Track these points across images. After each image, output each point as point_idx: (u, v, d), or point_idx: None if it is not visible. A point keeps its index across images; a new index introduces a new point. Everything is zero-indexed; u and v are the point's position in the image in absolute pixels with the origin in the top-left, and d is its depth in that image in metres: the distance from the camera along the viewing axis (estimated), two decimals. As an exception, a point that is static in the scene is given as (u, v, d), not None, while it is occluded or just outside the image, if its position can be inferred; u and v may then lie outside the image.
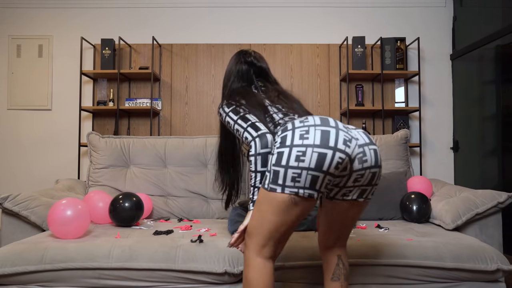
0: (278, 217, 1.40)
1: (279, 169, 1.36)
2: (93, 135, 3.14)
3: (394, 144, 3.19)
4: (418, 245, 2.07)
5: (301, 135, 1.36)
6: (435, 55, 4.17)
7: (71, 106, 4.11)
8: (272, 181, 1.38)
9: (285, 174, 1.35)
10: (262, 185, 1.43)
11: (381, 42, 3.94)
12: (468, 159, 3.91)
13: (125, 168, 3.11)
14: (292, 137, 1.38)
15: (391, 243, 2.09)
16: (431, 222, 2.66)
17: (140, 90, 4.16)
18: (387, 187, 2.88)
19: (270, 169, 1.40)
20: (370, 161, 1.43)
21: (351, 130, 1.44)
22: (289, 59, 4.17)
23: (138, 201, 2.50)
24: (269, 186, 1.39)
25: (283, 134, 1.41)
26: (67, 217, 2.08)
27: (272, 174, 1.38)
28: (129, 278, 1.93)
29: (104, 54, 3.96)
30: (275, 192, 1.38)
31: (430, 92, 4.16)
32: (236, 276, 1.95)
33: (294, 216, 1.41)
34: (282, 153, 1.37)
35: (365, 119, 4.06)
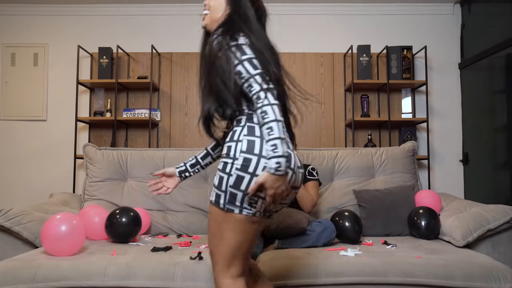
0: (239, 236, 1.47)
1: (237, 192, 1.43)
2: (89, 147, 3.14)
3: (401, 157, 3.18)
4: (427, 263, 2.05)
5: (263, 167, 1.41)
6: (443, 64, 4.18)
7: (67, 117, 4.12)
8: (228, 201, 1.44)
9: (243, 198, 1.43)
10: (217, 204, 1.46)
11: (387, 51, 3.95)
12: (478, 172, 3.89)
13: (122, 181, 3.10)
14: (256, 165, 1.42)
15: (398, 260, 2.07)
16: (440, 238, 2.64)
17: (139, 100, 4.17)
18: (394, 201, 2.86)
19: (226, 190, 1.44)
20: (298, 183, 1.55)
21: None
22: (292, 68, 4.18)
23: (136, 216, 2.49)
24: (226, 207, 1.45)
25: (247, 156, 1.43)
26: (61, 233, 2.08)
27: (229, 195, 1.44)
28: (125, 297, 1.92)
29: (101, 63, 3.97)
30: (232, 212, 1.44)
31: (438, 102, 4.15)
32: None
33: (253, 233, 1.51)
34: (243, 178, 1.42)
35: (371, 131, 4.06)
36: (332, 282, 1.96)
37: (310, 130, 4.12)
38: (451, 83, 4.16)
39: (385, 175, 3.12)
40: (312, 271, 1.98)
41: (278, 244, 2.39)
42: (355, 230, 2.50)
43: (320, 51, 4.19)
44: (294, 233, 2.39)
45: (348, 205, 2.99)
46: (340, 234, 2.50)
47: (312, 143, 4.09)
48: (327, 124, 4.14)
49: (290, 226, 2.38)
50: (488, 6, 3.82)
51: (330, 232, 2.42)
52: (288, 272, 1.98)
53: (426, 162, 3.93)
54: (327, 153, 3.20)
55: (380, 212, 2.83)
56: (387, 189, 2.97)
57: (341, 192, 3.05)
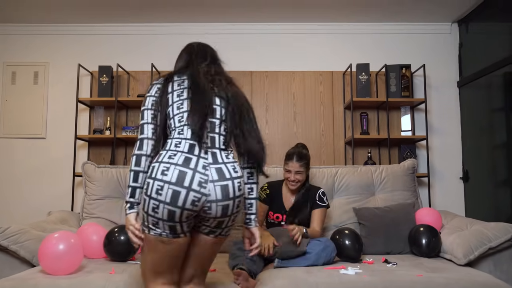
0: (155, 254, 1.63)
1: (144, 214, 1.60)
2: (88, 165, 3.16)
3: (401, 174, 3.19)
4: (429, 281, 2.04)
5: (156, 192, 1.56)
6: (442, 82, 4.22)
7: (66, 135, 4.14)
8: (142, 222, 1.62)
9: (147, 219, 1.59)
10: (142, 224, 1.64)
11: (386, 69, 3.99)
12: (479, 189, 3.89)
13: (121, 199, 3.11)
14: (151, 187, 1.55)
15: (399, 279, 2.06)
16: (441, 256, 2.63)
17: (138, 118, 4.18)
18: (394, 219, 2.86)
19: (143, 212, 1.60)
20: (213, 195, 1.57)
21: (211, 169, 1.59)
22: (291, 87, 4.22)
23: None
24: (142, 227, 1.64)
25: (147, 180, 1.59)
26: (59, 252, 2.07)
27: (143, 217, 1.62)
28: (123, 317, 1.90)
29: (101, 81, 4.01)
30: (145, 232, 1.62)
31: (438, 120, 4.18)
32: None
33: (167, 251, 1.62)
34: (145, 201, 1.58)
35: (371, 148, 4.08)
36: (332, 301, 1.95)
37: (309, 148, 4.09)
38: (450, 101, 4.19)
39: (385, 193, 3.13)
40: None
41: (277, 263, 2.38)
42: (356, 249, 2.50)
43: (319, 70, 4.24)
44: (293, 255, 2.38)
45: (348, 223, 2.99)
46: (341, 253, 2.49)
47: (312, 161, 4.05)
48: (326, 142, 4.16)
49: (290, 249, 2.38)
50: (486, 25, 3.88)
51: (330, 251, 2.42)
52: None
53: (426, 180, 3.94)
54: (326, 171, 3.21)
55: (381, 230, 2.83)
56: (387, 207, 2.97)
57: (341, 210, 3.06)
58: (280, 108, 4.20)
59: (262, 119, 4.19)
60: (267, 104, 4.21)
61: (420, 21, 4.20)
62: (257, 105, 4.20)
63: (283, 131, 4.17)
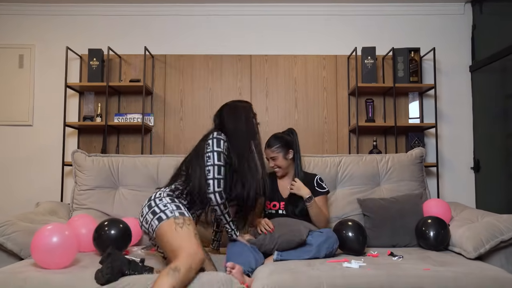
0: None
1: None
2: (78, 154, 3.16)
3: (408, 164, 3.20)
4: (436, 275, 2.06)
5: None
6: (453, 66, 4.21)
7: (55, 122, 4.14)
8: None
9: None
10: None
11: (393, 53, 3.98)
12: (490, 180, 3.91)
13: (113, 189, 3.12)
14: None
15: (406, 273, 2.08)
16: (450, 250, 2.66)
17: (131, 104, 4.20)
18: (400, 210, 2.88)
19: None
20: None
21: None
22: (293, 72, 4.21)
23: (126, 229, 2.50)
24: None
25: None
26: (53, 244, 2.08)
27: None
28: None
29: (91, 66, 4.00)
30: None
31: (448, 106, 4.18)
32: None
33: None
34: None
35: (376, 137, 4.08)
36: (335, 295, 1.97)
37: (312, 136, 4.15)
38: (461, 87, 4.19)
39: (391, 183, 3.14)
40: (314, 284, 1.99)
41: (277, 256, 2.40)
42: (359, 241, 2.52)
43: (322, 54, 4.23)
44: (293, 245, 2.40)
45: (352, 215, 3.01)
46: (343, 245, 2.51)
47: (314, 150, 4.11)
48: (329, 130, 4.17)
49: (288, 239, 2.39)
50: (501, 6, 3.86)
51: (332, 242, 2.43)
52: (289, 286, 1.99)
53: (435, 170, 3.95)
54: (329, 160, 3.22)
55: (386, 222, 2.84)
56: (393, 198, 2.99)
57: (344, 201, 3.07)
58: (280, 94, 4.20)
59: (261, 105, 4.19)
60: (267, 90, 4.21)
61: (431, 2, 4.18)
62: (256, 90, 4.20)
63: (284, 118, 4.18)
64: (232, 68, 4.22)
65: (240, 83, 4.22)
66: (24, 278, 1.96)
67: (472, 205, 4.03)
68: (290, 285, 1.99)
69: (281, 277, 2.04)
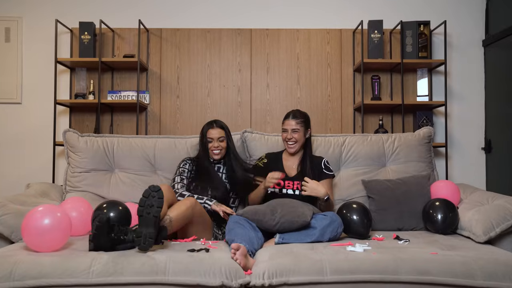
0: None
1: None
2: (70, 133, 3.15)
3: (415, 144, 3.20)
4: (444, 259, 2.07)
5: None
6: (465, 41, 4.17)
7: (45, 100, 4.12)
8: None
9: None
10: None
11: (401, 27, 3.94)
12: (502, 161, 3.91)
13: (109, 172, 3.13)
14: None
15: (412, 257, 2.09)
16: (458, 233, 2.66)
17: (125, 81, 4.17)
18: (407, 192, 2.88)
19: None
20: None
21: None
22: (295, 47, 4.18)
23: (125, 212, 2.49)
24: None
25: None
26: (45, 227, 2.09)
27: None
28: (112, 295, 1.94)
29: (82, 40, 3.96)
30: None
31: (458, 84, 4.15)
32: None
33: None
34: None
35: (382, 115, 4.07)
36: (339, 279, 1.98)
37: (315, 115, 4.13)
38: (474, 62, 4.16)
39: (398, 164, 3.14)
40: (317, 268, 2.00)
41: (279, 239, 2.40)
42: (364, 224, 2.52)
43: (326, 27, 4.18)
44: (296, 226, 2.40)
45: (356, 197, 3.02)
46: (348, 228, 2.52)
47: (317, 129, 4.10)
48: (333, 108, 4.15)
49: (291, 219, 2.39)
50: (517, -25, 3.81)
51: (336, 226, 2.44)
52: (290, 269, 2.00)
53: (444, 150, 3.95)
54: (333, 139, 3.21)
55: (392, 204, 2.85)
56: (400, 179, 2.99)
57: (348, 183, 3.08)
58: (282, 70, 4.17)
59: (262, 82, 4.17)
60: (268, 66, 4.18)
61: (442, -28, 4.12)
62: (257, 66, 4.17)
63: (286, 96, 4.16)
64: (231, 43, 4.19)
65: (239, 58, 4.19)
66: (14, 262, 1.96)
67: (483, 187, 4.04)
68: (292, 268, 2.00)
69: (282, 261, 2.05)
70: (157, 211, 2.11)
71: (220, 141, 2.96)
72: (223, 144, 2.97)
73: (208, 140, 2.97)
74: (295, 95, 4.16)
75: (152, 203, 2.11)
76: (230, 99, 4.19)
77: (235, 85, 4.19)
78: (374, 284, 2.00)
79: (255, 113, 4.18)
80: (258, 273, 2.01)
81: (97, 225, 2.09)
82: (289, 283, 1.98)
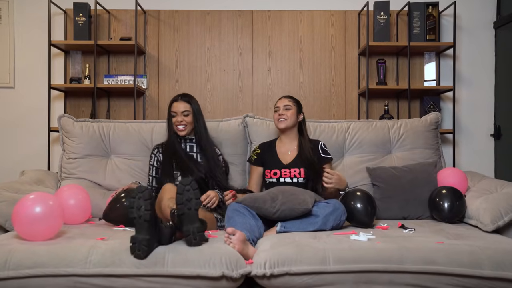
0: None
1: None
2: (65, 119, 3.15)
3: (422, 130, 3.19)
4: (450, 249, 2.07)
5: None
6: (475, 23, 4.14)
7: (39, 84, 4.11)
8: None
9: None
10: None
11: (408, 8, 3.91)
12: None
13: (105, 158, 3.13)
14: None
15: (417, 246, 2.10)
16: (465, 222, 2.67)
17: (122, 65, 4.16)
18: (413, 180, 2.89)
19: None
20: None
21: None
22: (298, 29, 4.15)
23: None
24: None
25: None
26: (36, 215, 2.10)
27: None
28: (110, 286, 1.95)
29: (77, 22, 3.94)
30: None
31: (468, 68, 4.13)
32: (235, 280, 1.97)
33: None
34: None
35: (388, 101, 4.06)
36: (342, 269, 1.99)
37: (318, 100, 4.12)
38: (484, 46, 4.13)
39: (404, 151, 3.14)
40: (319, 257, 2.01)
41: (280, 228, 2.41)
42: (368, 212, 2.53)
43: (330, 9, 4.16)
44: (297, 215, 2.40)
45: (360, 184, 3.02)
46: (351, 217, 2.53)
47: (320, 115, 4.09)
48: (337, 93, 4.14)
49: (292, 207, 2.39)
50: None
51: (339, 214, 2.44)
52: (292, 259, 2.01)
53: (451, 137, 3.94)
54: (337, 125, 3.21)
55: (397, 192, 2.85)
56: (406, 167, 2.99)
57: (352, 170, 3.08)
58: (284, 54, 4.16)
59: (264, 66, 4.15)
60: (270, 49, 4.16)
61: (451, -50, 4.08)
62: (258, 50, 4.16)
63: (288, 81, 4.15)
64: (232, 25, 4.16)
65: (240, 41, 4.17)
66: (9, 250, 1.98)
67: (491, 175, 4.04)
68: (294, 257, 2.01)
69: (284, 250, 2.06)
70: (197, 203, 2.05)
71: (184, 115, 2.88)
72: (188, 119, 2.88)
73: (172, 115, 2.90)
74: (297, 79, 4.14)
75: (190, 197, 2.05)
76: (230, 84, 4.17)
77: (236, 69, 4.17)
78: (378, 274, 2.01)
79: (256, 98, 4.17)
80: (259, 263, 2.02)
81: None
82: (291, 273, 1.99)
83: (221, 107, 4.16)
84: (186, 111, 2.89)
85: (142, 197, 1.99)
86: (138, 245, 1.96)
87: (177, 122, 2.88)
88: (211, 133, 3.04)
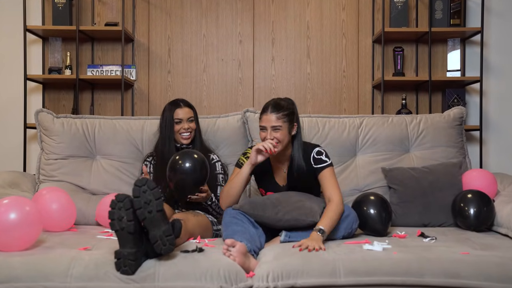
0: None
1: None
2: (43, 114, 3.16)
3: (444, 127, 3.19)
4: (477, 260, 2.07)
5: None
6: (506, 5, 4.13)
7: (13, 75, 4.10)
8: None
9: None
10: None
11: (429, -11, 3.91)
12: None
13: (89, 159, 3.14)
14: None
15: (439, 257, 2.10)
16: (494, 230, 2.67)
17: (107, 54, 4.16)
18: (434, 183, 2.88)
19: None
20: None
21: None
22: (305, 14, 4.15)
23: (203, 161, 2.49)
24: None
25: None
26: (10, 222, 2.09)
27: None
28: (93, 302, 1.96)
29: (56, 5, 3.94)
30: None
31: (497, 56, 4.13)
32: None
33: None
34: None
35: (406, 94, 4.06)
36: (354, 282, 1.99)
37: (327, 93, 4.12)
38: (515, 31, 4.13)
39: (424, 150, 3.13)
40: (329, 269, 2.01)
41: (285, 238, 2.41)
42: (382, 219, 2.53)
43: (342, -10, 4.16)
44: (303, 225, 2.40)
45: (375, 187, 3.02)
46: (364, 224, 2.53)
47: (330, 110, 4.09)
48: (349, 85, 4.14)
49: (297, 218, 2.37)
50: None
51: (351, 222, 2.44)
52: (299, 270, 2.01)
53: (478, 134, 3.94)
54: (348, 121, 3.20)
55: (417, 196, 2.85)
56: (426, 168, 2.99)
57: (366, 171, 3.08)
58: (290, 42, 4.16)
59: (267, 55, 4.15)
60: (274, 37, 4.16)
61: None
62: (261, 37, 4.16)
63: (293, 72, 4.15)
64: (230, 10, 4.16)
65: (240, 28, 4.17)
66: (-20, 262, 1.98)
67: (523, 177, 4.04)
68: (300, 269, 2.01)
69: (289, 261, 2.06)
70: (157, 204, 1.98)
71: (189, 122, 2.90)
72: (193, 125, 2.92)
73: (176, 122, 2.89)
74: (304, 70, 4.14)
75: (149, 199, 1.98)
76: (229, 75, 4.17)
77: (235, 58, 4.17)
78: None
79: (258, 91, 4.17)
80: (261, 275, 2.02)
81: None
82: (297, 286, 1.99)
83: (219, 101, 4.16)
84: (191, 117, 2.92)
85: (123, 207, 1.96)
86: (123, 261, 1.94)
87: (183, 129, 2.88)
88: (207, 131, 3.04)
